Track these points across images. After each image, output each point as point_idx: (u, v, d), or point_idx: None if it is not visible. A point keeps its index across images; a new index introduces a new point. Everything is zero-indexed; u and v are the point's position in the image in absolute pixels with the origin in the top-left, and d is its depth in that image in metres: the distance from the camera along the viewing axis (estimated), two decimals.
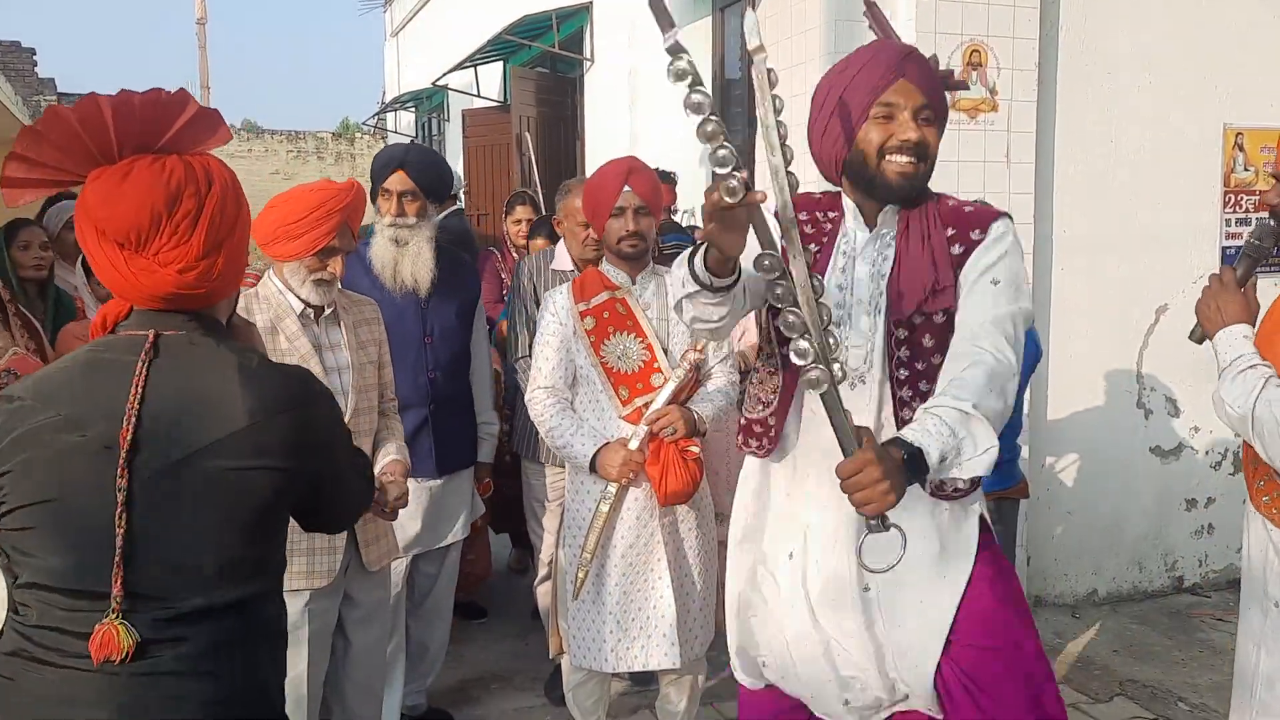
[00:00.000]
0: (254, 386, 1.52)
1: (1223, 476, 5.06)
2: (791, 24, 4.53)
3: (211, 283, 1.57)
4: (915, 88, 1.94)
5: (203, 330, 1.59)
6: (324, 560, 2.74)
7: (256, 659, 1.57)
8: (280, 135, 19.15)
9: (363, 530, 2.82)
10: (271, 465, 1.51)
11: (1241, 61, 4.87)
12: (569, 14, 8.62)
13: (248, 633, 1.55)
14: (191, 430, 1.48)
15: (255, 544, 1.54)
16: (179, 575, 1.48)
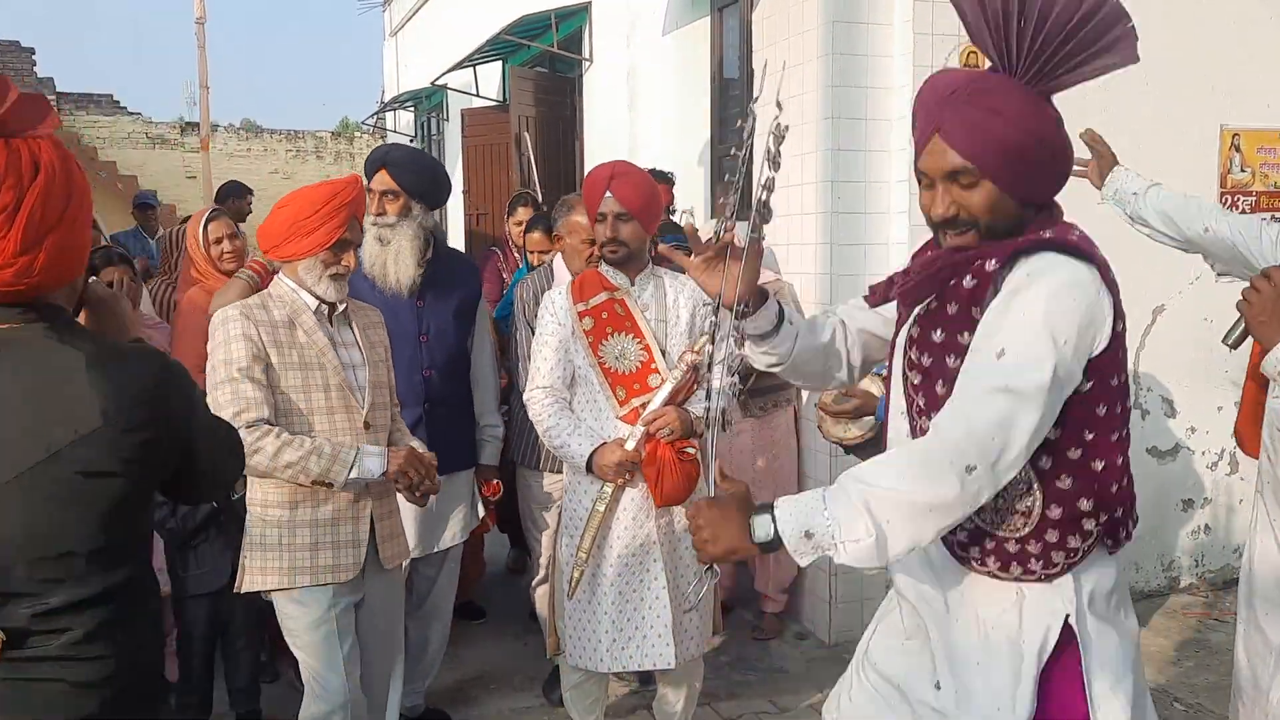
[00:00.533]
0: (103, 383, 1.48)
1: (1219, 477, 5.07)
2: (789, 25, 4.53)
3: (33, 278, 1.48)
4: (945, 144, 1.65)
5: (42, 322, 1.51)
6: (349, 554, 2.77)
7: (138, 638, 1.58)
8: (279, 135, 19.14)
9: (380, 526, 2.85)
10: (131, 458, 1.50)
11: (1239, 62, 4.88)
12: (568, 14, 8.63)
13: (128, 614, 1.56)
14: (41, 434, 1.45)
15: (122, 532, 1.54)
16: (46, 573, 1.47)
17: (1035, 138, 1.63)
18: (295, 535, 2.70)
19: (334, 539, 2.73)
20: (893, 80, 4.35)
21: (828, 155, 4.31)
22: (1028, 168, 1.65)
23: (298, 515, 2.71)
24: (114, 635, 1.53)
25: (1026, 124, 1.62)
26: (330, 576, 2.73)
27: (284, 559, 2.71)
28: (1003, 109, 1.60)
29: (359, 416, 2.78)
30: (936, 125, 1.62)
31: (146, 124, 17.75)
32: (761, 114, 1.87)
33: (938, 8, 4.26)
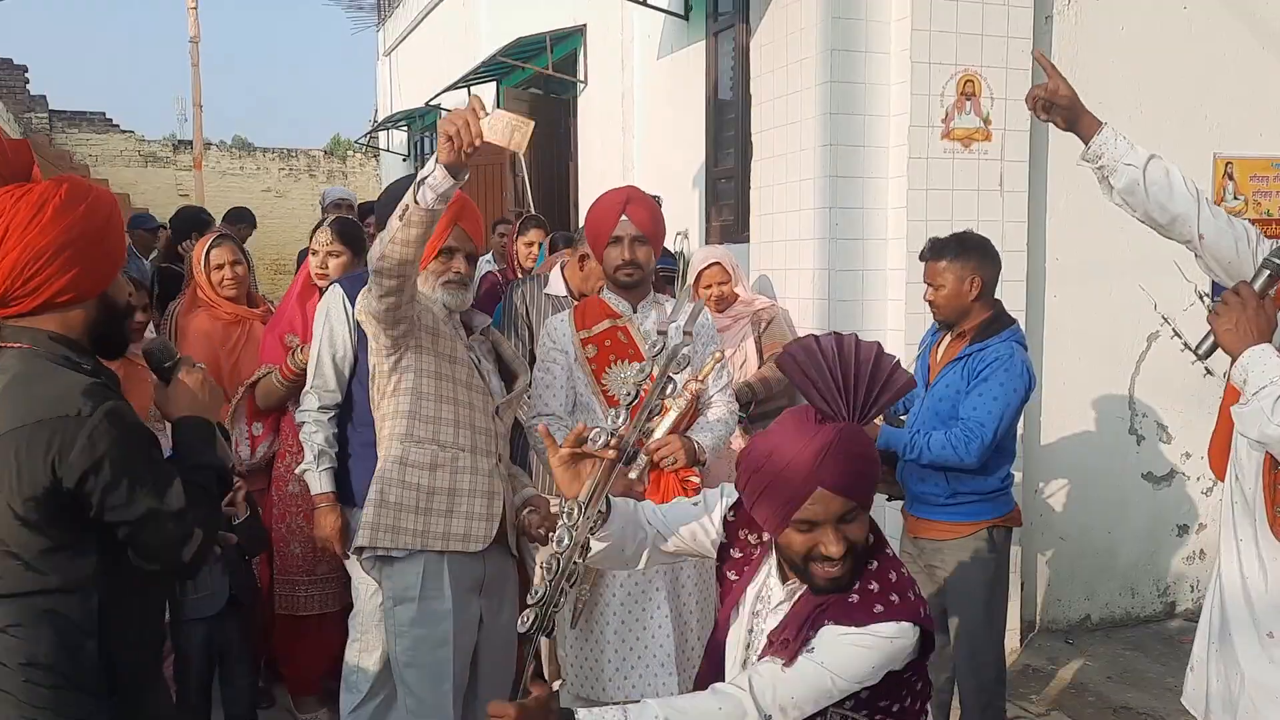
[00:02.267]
0: (4, 403, 1.70)
1: (1213, 503, 5.10)
2: (788, 52, 4.57)
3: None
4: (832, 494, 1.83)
5: (31, 345, 1.77)
6: (481, 526, 2.78)
7: (71, 638, 1.76)
8: (272, 153, 19.13)
9: (509, 511, 2.88)
10: (11, 483, 1.68)
11: (1231, 92, 4.93)
12: (563, 36, 8.66)
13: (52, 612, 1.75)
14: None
15: (39, 549, 1.72)
16: None
17: (876, 464, 1.92)
18: (432, 500, 2.73)
19: (468, 510, 2.76)
20: (890, 108, 4.38)
21: (825, 182, 4.34)
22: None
23: (436, 480, 2.74)
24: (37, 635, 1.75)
25: (873, 454, 1.92)
26: (460, 545, 2.75)
27: (419, 521, 2.73)
28: (865, 452, 1.89)
29: (490, 402, 2.86)
30: (819, 481, 1.81)
31: (139, 142, 17.73)
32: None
33: (935, 37, 4.30)
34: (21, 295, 1.76)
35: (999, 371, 3.22)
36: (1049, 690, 4.31)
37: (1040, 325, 4.67)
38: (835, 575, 1.86)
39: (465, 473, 2.78)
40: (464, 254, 2.86)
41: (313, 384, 3.29)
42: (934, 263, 3.35)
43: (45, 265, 1.74)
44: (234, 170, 18.40)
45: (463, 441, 2.78)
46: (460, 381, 2.81)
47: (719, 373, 3.27)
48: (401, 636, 2.75)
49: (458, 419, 2.78)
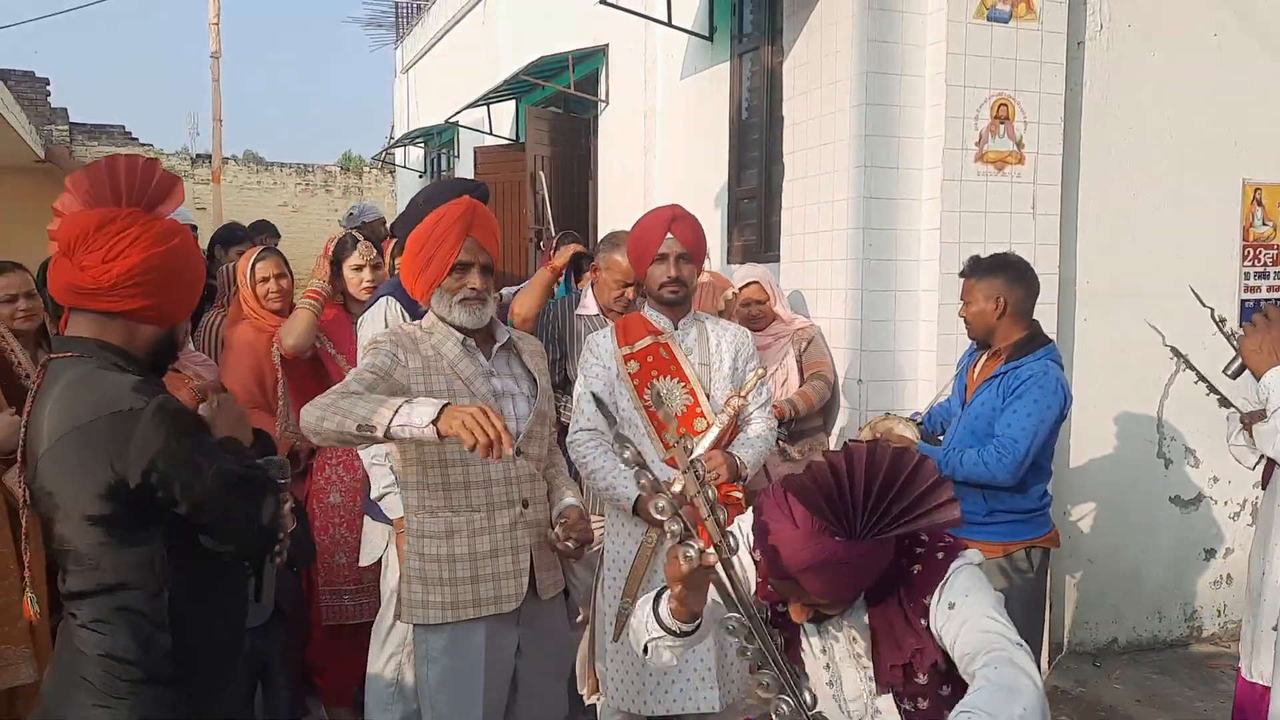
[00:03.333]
0: (58, 408, 1.79)
1: (1241, 527, 5.10)
2: (821, 75, 4.61)
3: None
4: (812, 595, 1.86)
5: (83, 353, 1.88)
6: (511, 584, 2.64)
7: (144, 631, 1.84)
8: (289, 168, 19.25)
9: (539, 556, 2.71)
10: (76, 482, 1.77)
11: (1260, 119, 4.97)
12: (585, 55, 8.72)
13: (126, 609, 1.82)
14: (33, 448, 1.83)
15: (110, 546, 1.80)
16: (63, 562, 1.84)
17: (872, 576, 1.90)
18: (455, 569, 2.60)
19: (494, 570, 2.63)
20: (924, 130, 4.41)
21: (859, 203, 4.37)
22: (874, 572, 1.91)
23: (455, 547, 2.61)
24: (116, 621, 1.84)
25: (871, 572, 1.88)
26: (493, 608, 2.62)
27: (446, 593, 2.61)
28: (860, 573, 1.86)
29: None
30: (799, 579, 1.82)
31: (157, 155, 17.86)
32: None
33: (969, 60, 4.34)
34: (118, 295, 1.87)
35: (1033, 389, 3.24)
36: (1078, 713, 4.30)
37: (1070, 348, 4.68)
38: (808, 619, 1.95)
39: (484, 534, 2.63)
40: (479, 267, 2.65)
41: None
42: (967, 280, 3.42)
43: (154, 282, 1.89)
44: (251, 185, 18.52)
45: (476, 502, 2.62)
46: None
47: (759, 389, 3.30)
48: (432, 663, 2.65)
49: (468, 479, 2.61)
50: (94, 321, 1.89)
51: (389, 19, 16.88)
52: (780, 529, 1.83)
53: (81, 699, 1.81)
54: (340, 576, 3.70)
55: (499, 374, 2.72)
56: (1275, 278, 5.07)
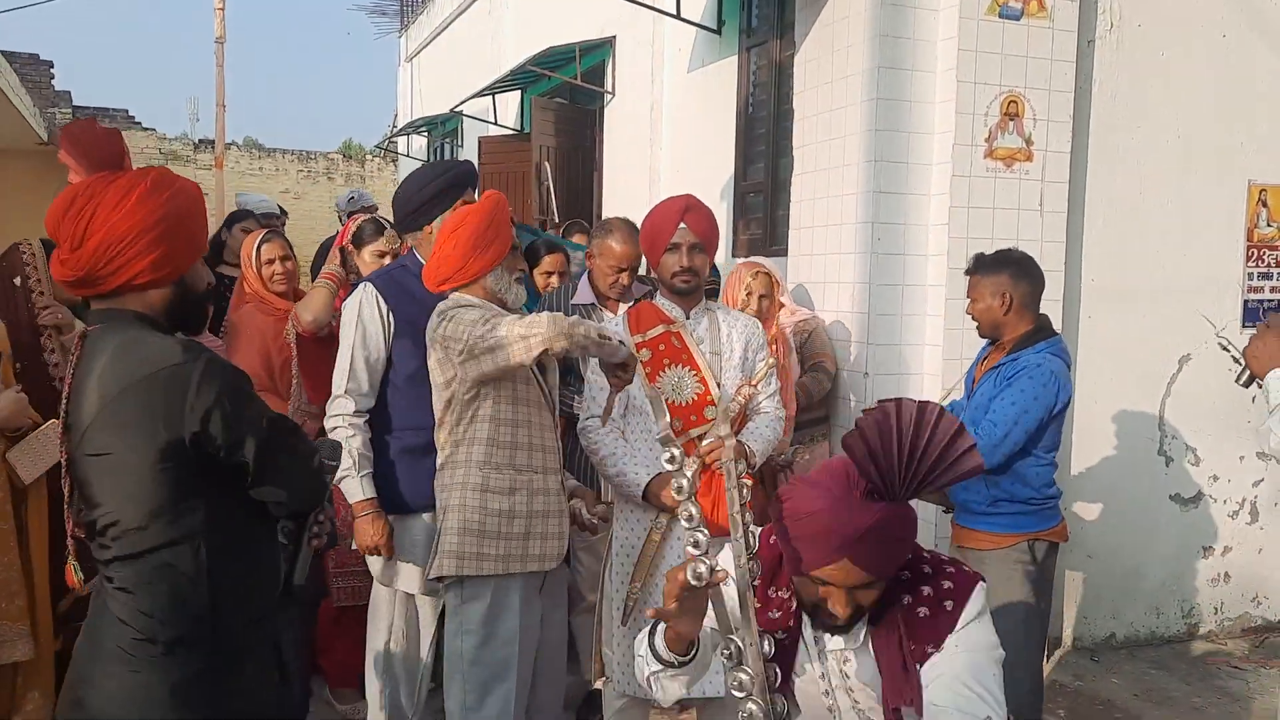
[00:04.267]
0: (108, 372, 1.81)
1: (1239, 525, 5.14)
2: (833, 69, 4.63)
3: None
4: (853, 565, 1.85)
5: (119, 323, 1.88)
6: (554, 545, 2.89)
7: (181, 590, 1.86)
8: (291, 155, 19.25)
9: (561, 522, 2.95)
10: (131, 441, 1.79)
11: (1268, 120, 5.00)
12: (592, 47, 8.73)
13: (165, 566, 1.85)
14: (79, 416, 1.84)
15: (158, 505, 1.82)
16: (103, 529, 1.85)
17: (910, 544, 1.94)
18: (512, 525, 2.80)
19: (543, 530, 2.85)
20: (935, 126, 4.44)
21: (869, 197, 4.40)
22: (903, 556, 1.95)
23: (515, 504, 2.82)
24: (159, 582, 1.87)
25: (910, 537, 1.92)
26: (537, 565, 2.84)
27: (501, 546, 2.80)
28: (903, 536, 1.90)
29: (553, 419, 2.96)
30: (848, 554, 1.82)
31: (160, 140, 17.81)
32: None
33: (980, 57, 4.36)
34: (104, 275, 1.87)
35: (1023, 378, 3.28)
36: (1077, 706, 4.34)
37: (1075, 345, 4.71)
38: (837, 624, 1.91)
39: (540, 494, 2.85)
40: (516, 247, 2.97)
41: (346, 387, 3.15)
42: (972, 276, 3.45)
43: (127, 248, 1.86)
44: (253, 171, 18.51)
45: (536, 464, 2.86)
46: (531, 402, 2.87)
47: (769, 379, 3.33)
48: (469, 635, 2.78)
49: (531, 441, 2.85)
50: (109, 300, 1.92)
51: (394, 7, 16.86)
52: (819, 509, 1.84)
53: (113, 666, 1.84)
54: (350, 558, 3.72)
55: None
56: (1278, 279, 5.10)
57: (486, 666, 2.76)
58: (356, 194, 8.29)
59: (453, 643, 2.81)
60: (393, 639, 3.43)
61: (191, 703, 1.86)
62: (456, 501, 2.82)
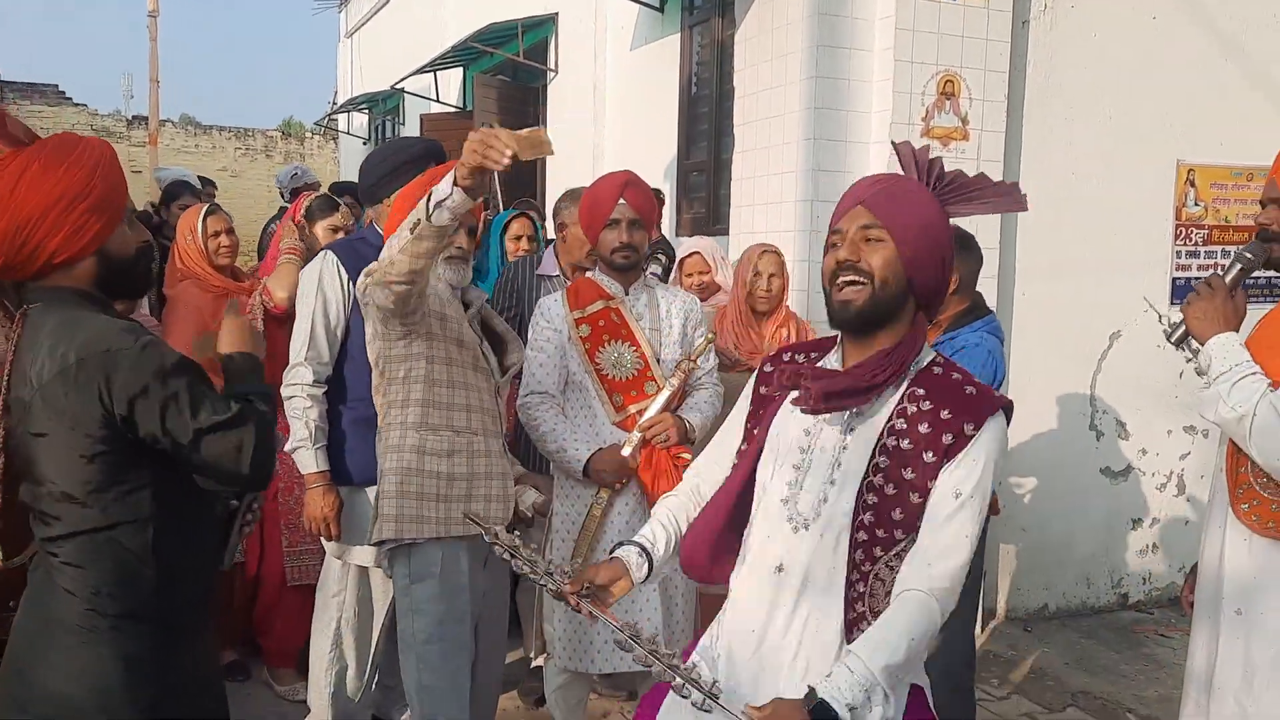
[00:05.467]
0: (45, 353, 1.78)
1: (1167, 498, 5.28)
2: (773, 48, 4.64)
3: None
4: (867, 211, 1.88)
5: (56, 301, 1.84)
6: (498, 507, 2.84)
7: (130, 567, 1.84)
8: (228, 132, 18.87)
9: (506, 487, 2.91)
10: (68, 422, 1.76)
11: (1195, 102, 5.10)
12: (535, 24, 8.68)
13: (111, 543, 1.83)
14: (19, 394, 1.80)
15: (98, 485, 1.80)
16: (47, 506, 1.82)
17: (936, 229, 1.91)
18: (452, 487, 2.76)
19: (485, 493, 2.81)
20: (873, 105, 4.48)
21: (807, 175, 4.43)
22: (923, 251, 1.90)
23: (455, 466, 2.77)
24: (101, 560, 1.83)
25: (931, 215, 1.91)
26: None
27: (441, 508, 2.75)
28: (916, 196, 1.91)
29: (494, 384, 2.89)
30: (860, 200, 1.91)
31: (91, 116, 17.37)
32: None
33: (917, 36, 4.40)
34: (20, 261, 1.82)
35: (962, 359, 3.31)
36: (1011, 675, 4.44)
37: (1009, 322, 4.80)
38: (848, 295, 1.87)
39: (481, 456, 2.82)
40: (466, 229, 2.84)
41: (305, 355, 3.14)
42: None
43: (34, 230, 1.80)
44: (189, 148, 18.12)
45: (475, 425, 2.81)
46: (468, 365, 2.82)
47: (708, 354, 3.35)
48: (420, 614, 2.74)
49: (469, 403, 2.81)
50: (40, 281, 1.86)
51: None
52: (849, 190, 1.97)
53: (62, 638, 1.81)
54: (304, 536, 3.68)
55: (476, 330, 2.89)
56: (1205, 257, 5.23)
57: (440, 644, 2.72)
58: (298, 170, 8.16)
59: (405, 622, 2.77)
60: (343, 617, 3.41)
61: (143, 676, 1.84)
62: (394, 464, 2.78)
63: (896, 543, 1.88)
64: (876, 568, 1.89)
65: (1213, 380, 2.38)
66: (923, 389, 1.91)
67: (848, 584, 1.89)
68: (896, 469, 1.88)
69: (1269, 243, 2.53)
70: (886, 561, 1.89)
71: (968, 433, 1.86)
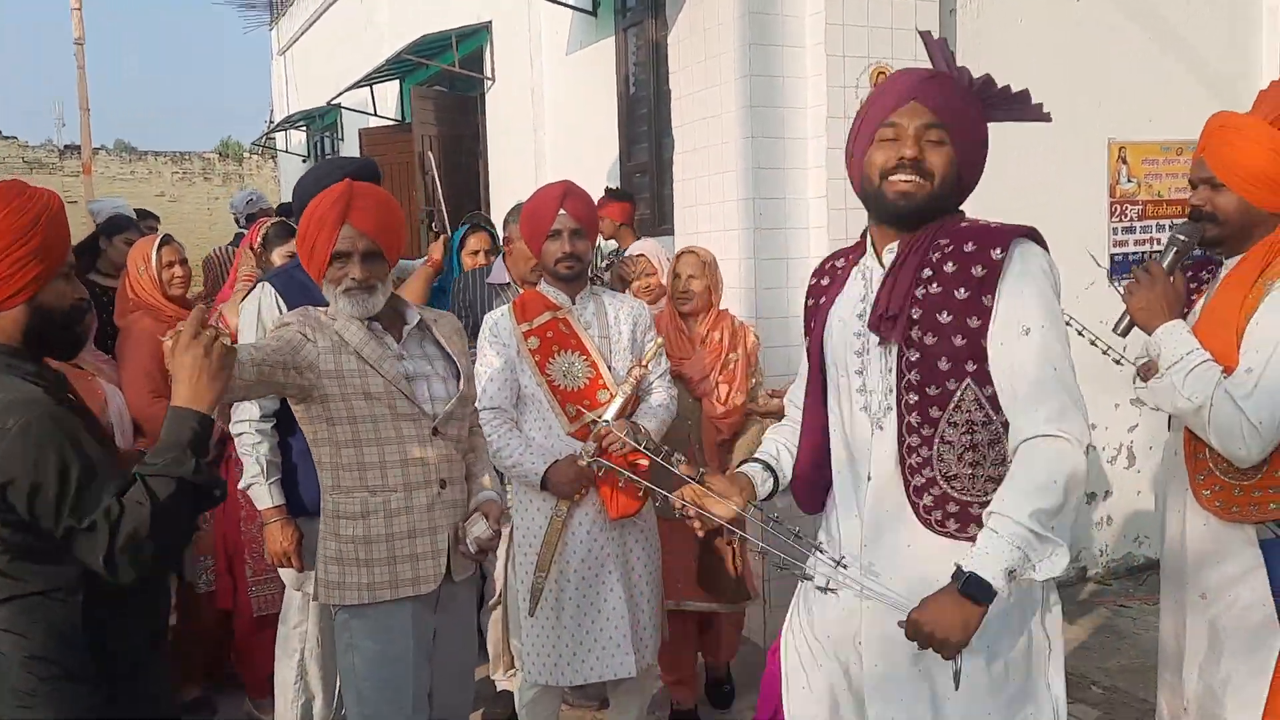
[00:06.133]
0: None
1: (1119, 470, 5.37)
2: (706, 48, 4.66)
3: None
4: (925, 108, 1.92)
5: None
6: (429, 565, 2.60)
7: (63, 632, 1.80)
8: (164, 156, 18.59)
9: (451, 538, 2.67)
10: None
11: (1122, 81, 5.20)
12: (469, 33, 8.64)
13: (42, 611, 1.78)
14: None
15: (8, 554, 1.75)
16: None
17: (982, 131, 2.03)
18: (372, 550, 2.56)
19: (412, 551, 2.59)
20: (807, 100, 4.51)
21: (748, 174, 4.45)
22: (973, 153, 2.00)
23: (371, 528, 2.57)
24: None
25: (977, 116, 2.02)
26: (411, 589, 2.58)
27: (363, 573, 2.56)
28: (966, 96, 2.00)
29: (427, 424, 2.62)
30: (913, 95, 1.94)
31: (22, 148, 17.05)
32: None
33: (848, 31, 4.44)
34: None
35: None
36: None
37: None
38: (907, 189, 1.92)
39: (401, 514, 2.59)
40: (359, 255, 2.53)
41: None
42: None
43: None
44: (124, 175, 17.83)
45: (393, 481, 2.57)
46: (381, 418, 2.56)
47: (659, 359, 3.36)
48: (357, 650, 2.60)
49: (383, 459, 2.57)
50: None
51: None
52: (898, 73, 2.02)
53: (3, 701, 1.78)
54: (268, 566, 3.65)
55: (410, 356, 2.67)
56: (1141, 232, 5.33)
57: (378, 681, 2.60)
58: (253, 195, 8.08)
59: (343, 658, 2.66)
60: (306, 648, 3.38)
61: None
62: (320, 528, 2.67)
63: (951, 395, 1.89)
64: (940, 429, 1.90)
65: (1165, 370, 2.39)
66: (945, 238, 1.97)
67: (906, 448, 1.93)
68: (931, 315, 1.91)
69: (1201, 222, 2.55)
70: (949, 420, 1.90)
71: (995, 257, 1.90)
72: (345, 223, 2.52)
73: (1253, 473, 2.32)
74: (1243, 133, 2.46)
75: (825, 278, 2.21)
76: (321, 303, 2.74)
